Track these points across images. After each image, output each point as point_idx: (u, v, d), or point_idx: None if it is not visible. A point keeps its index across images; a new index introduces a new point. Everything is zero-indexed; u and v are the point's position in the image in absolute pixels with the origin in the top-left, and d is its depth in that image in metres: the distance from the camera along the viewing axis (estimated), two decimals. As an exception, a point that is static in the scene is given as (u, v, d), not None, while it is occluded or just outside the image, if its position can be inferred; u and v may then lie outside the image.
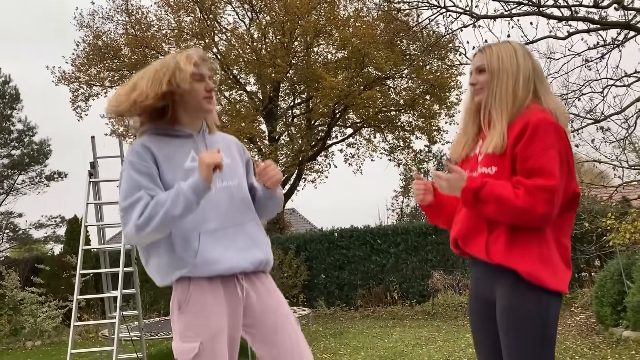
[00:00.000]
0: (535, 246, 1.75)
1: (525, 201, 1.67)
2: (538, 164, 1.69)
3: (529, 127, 1.73)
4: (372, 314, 11.09)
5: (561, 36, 6.97)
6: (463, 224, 1.90)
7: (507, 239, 1.76)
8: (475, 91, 1.93)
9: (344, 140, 17.62)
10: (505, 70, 1.85)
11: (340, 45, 15.22)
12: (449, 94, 15.64)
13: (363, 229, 12.26)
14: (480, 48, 1.96)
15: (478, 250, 1.83)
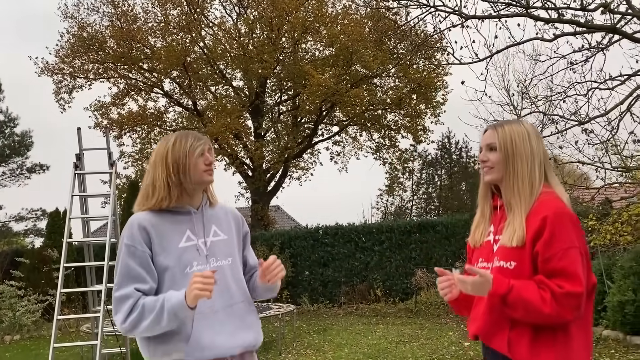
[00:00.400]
0: (560, 343, 1.72)
1: (553, 309, 1.65)
2: (561, 266, 1.67)
3: (548, 222, 1.70)
4: (355, 311, 11.13)
5: (548, 38, 7.03)
6: (484, 321, 1.83)
7: (530, 337, 1.72)
8: (486, 170, 1.90)
9: (330, 138, 17.63)
10: (519, 155, 1.83)
11: (328, 43, 15.22)
12: (435, 94, 15.73)
13: (348, 226, 12.30)
14: (492, 125, 1.94)
15: (500, 348, 1.78)
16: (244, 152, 16.27)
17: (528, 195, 1.78)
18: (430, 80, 14.84)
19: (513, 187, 1.81)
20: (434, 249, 11.47)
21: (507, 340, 1.74)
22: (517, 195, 1.80)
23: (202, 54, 15.85)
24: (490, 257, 1.85)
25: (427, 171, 17.82)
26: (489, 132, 1.92)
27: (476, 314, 1.87)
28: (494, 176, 1.88)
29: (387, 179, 17.98)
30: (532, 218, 1.74)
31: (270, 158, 16.22)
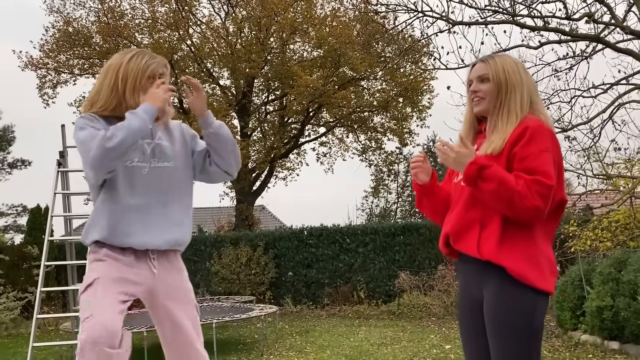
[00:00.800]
0: (524, 246, 1.81)
1: (523, 189, 1.74)
2: (535, 164, 1.78)
3: (528, 130, 1.83)
4: (338, 313, 11.14)
5: (533, 46, 7.14)
6: (456, 221, 1.95)
7: (498, 237, 1.82)
8: (477, 100, 1.98)
9: (316, 139, 17.66)
10: (512, 84, 1.92)
11: (316, 44, 15.25)
12: (421, 98, 15.85)
13: (332, 228, 12.31)
14: (482, 58, 2.01)
15: (469, 247, 1.88)
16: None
17: (515, 119, 1.90)
18: (416, 84, 14.95)
19: (502, 114, 1.92)
20: (418, 251, 11.53)
21: (477, 239, 1.85)
22: (506, 118, 1.91)
23: (190, 52, 15.78)
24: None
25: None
26: (479, 65, 2.00)
27: (449, 217, 2.01)
28: (484, 107, 1.97)
29: (373, 180, 18.08)
30: (514, 131, 1.87)
31: (256, 158, 16.19)
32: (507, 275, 1.80)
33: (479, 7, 6.50)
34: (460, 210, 1.94)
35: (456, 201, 2.01)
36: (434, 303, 10.35)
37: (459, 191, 2.00)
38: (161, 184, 2.12)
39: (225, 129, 2.25)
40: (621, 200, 7.41)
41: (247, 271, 11.72)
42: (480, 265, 1.86)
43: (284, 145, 16.33)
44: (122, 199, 2.06)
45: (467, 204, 1.92)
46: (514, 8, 6.47)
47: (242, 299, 10.52)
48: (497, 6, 6.39)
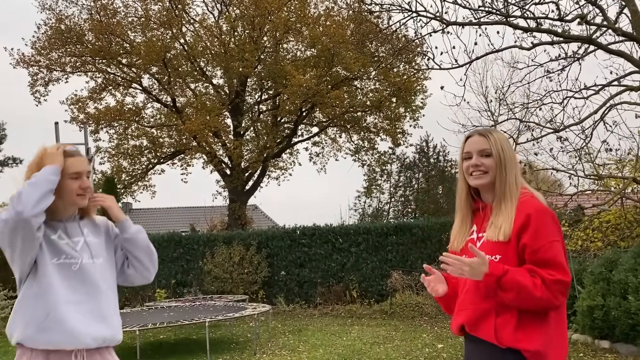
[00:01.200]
0: (541, 329, 1.84)
1: (544, 293, 1.78)
2: (549, 257, 1.81)
3: (532, 218, 1.85)
4: (331, 312, 11.14)
5: (526, 47, 7.17)
6: (472, 311, 1.95)
7: (515, 324, 1.84)
8: (479, 173, 1.99)
9: (309, 139, 17.67)
10: (510, 161, 1.98)
11: (309, 44, 15.24)
12: (414, 98, 15.88)
13: (325, 227, 12.31)
14: (480, 132, 2.05)
15: (487, 334, 1.89)
16: (223, 151, 16.19)
17: (515, 197, 1.93)
18: (410, 84, 14.98)
19: (504, 189, 1.94)
20: (410, 251, 11.55)
21: (494, 327, 1.86)
22: (508, 197, 1.93)
23: (183, 50, 15.73)
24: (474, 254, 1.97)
25: (404, 174, 17.97)
26: (478, 139, 2.02)
27: (462, 304, 1.99)
28: (485, 180, 1.99)
29: (365, 180, 18.09)
30: (516, 215, 1.88)
31: (249, 157, 16.17)
32: (521, 358, 1.84)
33: (472, 8, 6.53)
34: (472, 298, 1.94)
35: (464, 286, 2.00)
36: (426, 302, 10.38)
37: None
38: (91, 280, 2.12)
39: (143, 235, 2.29)
40: (612, 201, 7.47)
41: (239, 270, 11.70)
42: (494, 350, 1.88)
43: (277, 144, 16.32)
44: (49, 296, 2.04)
45: (479, 291, 1.92)
46: (507, 9, 6.50)
47: (234, 298, 10.51)
48: (490, 7, 6.41)
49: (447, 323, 9.34)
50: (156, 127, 16.84)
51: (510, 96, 16.93)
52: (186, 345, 8.18)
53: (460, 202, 2.08)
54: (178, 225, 19.36)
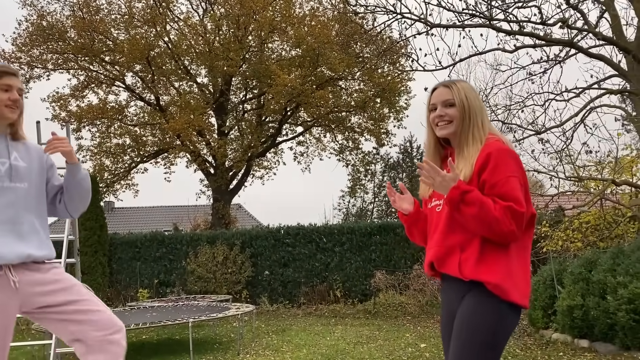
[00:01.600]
0: (502, 263, 1.92)
1: (500, 214, 1.86)
2: (504, 190, 1.90)
3: (491, 156, 1.94)
4: (314, 312, 11.14)
5: (509, 49, 7.28)
6: (438, 248, 2.06)
7: (476, 257, 1.93)
8: (444, 123, 2.07)
9: (294, 138, 17.65)
10: (474, 108, 2.05)
11: (294, 43, 15.23)
12: (398, 99, 15.96)
13: (309, 227, 12.31)
14: (444, 83, 2.11)
15: (452, 270, 1.99)
16: (207, 150, 16.11)
17: (478, 141, 2.02)
18: (394, 85, 15.04)
19: (469, 137, 2.03)
20: (394, 251, 11.61)
21: (459, 262, 1.96)
22: (472, 142, 2.02)
23: (167, 48, 15.60)
24: (441, 195, 2.07)
25: (388, 174, 18.07)
26: (443, 89, 2.09)
27: (431, 243, 2.11)
28: (450, 130, 2.06)
29: (350, 180, 18.13)
30: (478, 156, 1.98)
31: (233, 156, 16.10)
32: (486, 290, 1.91)
33: (456, 11, 6.59)
34: (440, 236, 2.05)
35: (435, 227, 2.11)
36: (410, 302, 10.44)
37: (436, 217, 2.11)
38: (13, 204, 2.17)
39: (87, 180, 2.38)
40: (592, 202, 7.59)
41: (223, 270, 11.65)
42: (461, 283, 1.97)
43: (261, 144, 16.28)
44: None
45: (446, 229, 2.03)
46: (490, 12, 6.57)
47: (218, 298, 10.46)
48: (474, 10, 6.48)
49: (430, 322, 9.41)
50: (139, 126, 16.69)
51: (493, 98, 17.08)
52: (169, 346, 8.13)
53: (429, 152, 2.18)
54: (161, 225, 19.22)
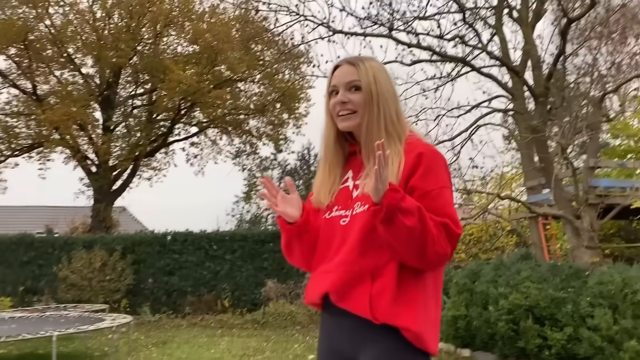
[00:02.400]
0: (420, 300, 1.48)
1: (439, 231, 1.42)
2: (439, 204, 1.47)
3: (424, 158, 1.50)
4: (200, 322, 10.63)
5: (407, 63, 7.39)
6: (341, 275, 1.51)
7: (393, 291, 1.45)
8: (346, 113, 1.57)
9: (187, 139, 16.89)
10: (384, 94, 1.57)
11: (192, 40, 14.58)
12: (298, 105, 15.87)
13: (199, 233, 11.77)
14: (349, 59, 1.60)
15: (359, 306, 1.47)
16: (89, 146, 14.88)
17: (397, 141, 1.54)
18: (294, 91, 14.93)
19: (380, 133, 1.53)
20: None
21: (369, 296, 1.46)
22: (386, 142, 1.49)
23: (49, 33, 14.22)
24: (348, 204, 1.58)
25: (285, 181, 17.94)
26: (347, 69, 1.59)
27: (328, 265, 1.56)
28: (355, 121, 1.57)
29: (245, 185, 17.72)
30: (405, 157, 1.51)
31: (118, 154, 15.02)
32: (400, 338, 1.45)
33: (359, 17, 6.55)
34: (346, 257, 1.51)
35: (336, 245, 1.56)
36: (300, 311, 10.29)
37: (340, 232, 1.56)
38: None
39: None
40: (477, 215, 7.91)
41: (100, 277, 10.73)
42: (364, 324, 1.48)
43: (151, 143, 15.36)
44: None
45: (357, 249, 1.50)
46: (392, 23, 6.62)
47: (93, 307, 9.60)
48: (376, 19, 6.48)
49: (318, 333, 9.31)
50: (11, 116, 15.05)
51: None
52: (29, 363, 7.23)
53: (328, 148, 1.65)
54: (33, 226, 17.45)
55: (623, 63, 9.36)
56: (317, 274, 1.61)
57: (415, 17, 6.59)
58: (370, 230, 1.48)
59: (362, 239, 1.50)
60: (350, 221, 1.55)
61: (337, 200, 1.61)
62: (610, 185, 7.52)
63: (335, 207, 1.61)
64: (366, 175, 1.54)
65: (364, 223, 1.51)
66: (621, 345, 5.22)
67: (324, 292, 1.56)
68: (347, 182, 1.63)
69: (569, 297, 5.77)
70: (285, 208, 1.62)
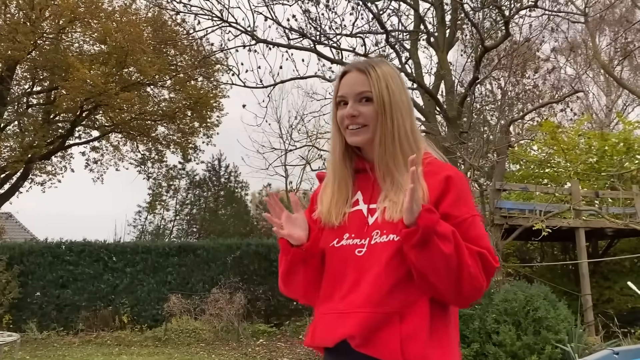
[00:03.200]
0: (452, 341, 1.34)
1: (475, 262, 1.26)
2: (474, 234, 1.30)
3: (453, 183, 1.34)
4: (95, 340, 9.87)
5: (328, 78, 7.40)
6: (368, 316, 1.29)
7: (427, 333, 1.27)
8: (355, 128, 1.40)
9: (88, 143, 15.81)
10: (398, 103, 1.39)
11: (100, 38, 13.73)
12: (210, 114, 15.44)
13: (98, 243, 11.00)
14: (359, 66, 1.42)
15: (388, 352, 1.27)
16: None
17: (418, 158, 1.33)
18: (207, 99, 14.52)
19: (394, 146, 1.37)
20: (193, 273, 10.94)
21: (400, 338, 1.27)
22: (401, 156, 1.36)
23: None
24: (363, 232, 1.37)
25: (193, 192, 17.25)
26: (356, 77, 1.41)
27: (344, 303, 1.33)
28: (365, 136, 1.39)
29: (150, 195, 16.88)
30: (428, 179, 1.34)
31: (8, 155, 13.71)
32: None
33: (286, 27, 6.47)
34: (372, 297, 1.30)
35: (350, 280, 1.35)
36: (204, 328, 9.88)
37: (353, 263, 1.35)
38: None
39: None
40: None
41: (-21, 290, 9.64)
42: None
43: (47, 145, 14.20)
44: None
45: (384, 287, 1.30)
46: (318, 37, 6.61)
47: (-32, 324, 8.59)
48: (303, 31, 6.44)
49: (225, 349, 8.95)
50: None
51: (306, 124, 17.68)
52: None
53: (335, 163, 1.46)
54: None
55: (525, 94, 10.10)
56: (331, 315, 1.37)
57: (341, 34, 6.62)
58: (398, 263, 1.30)
59: (388, 274, 1.30)
60: (367, 252, 1.34)
61: (349, 227, 1.40)
62: (512, 207, 8.00)
63: (346, 234, 1.39)
64: (385, 198, 1.36)
65: (390, 255, 1.30)
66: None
67: (344, 336, 1.32)
68: (359, 205, 1.42)
69: (476, 314, 5.99)
70: (291, 230, 1.40)
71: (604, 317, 7.78)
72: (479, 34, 6.12)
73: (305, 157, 12.19)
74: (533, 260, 11.26)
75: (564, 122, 11.81)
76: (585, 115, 14.63)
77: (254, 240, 11.57)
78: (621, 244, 10.48)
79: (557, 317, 5.69)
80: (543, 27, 9.70)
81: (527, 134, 11.99)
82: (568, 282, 9.88)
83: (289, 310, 11.28)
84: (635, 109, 19.72)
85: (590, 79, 18.98)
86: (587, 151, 10.62)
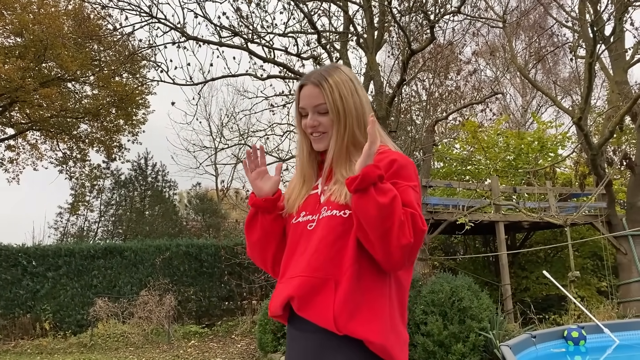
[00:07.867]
0: (387, 312, 1.43)
1: (405, 218, 1.37)
2: (407, 198, 1.43)
3: (396, 163, 1.50)
4: (13, 349, 9.35)
5: (260, 77, 7.41)
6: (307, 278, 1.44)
7: (356, 302, 1.40)
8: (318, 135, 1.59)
9: (2, 141, 14.85)
10: (351, 109, 1.56)
11: (16, 30, 12.94)
12: (136, 111, 14.95)
13: (15, 247, 10.39)
14: (313, 80, 1.57)
15: (322, 317, 1.40)
16: None
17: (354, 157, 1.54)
18: (133, 96, 14.05)
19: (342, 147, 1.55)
20: (120, 276, 10.59)
21: (332, 306, 1.40)
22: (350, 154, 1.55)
23: None
24: (315, 209, 1.56)
25: (118, 192, 16.60)
26: (311, 91, 1.57)
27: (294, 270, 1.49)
28: (326, 142, 1.58)
29: (72, 195, 16.10)
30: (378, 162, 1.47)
31: None
32: (364, 349, 1.39)
33: (218, 25, 6.40)
34: (312, 263, 1.45)
35: (300, 250, 1.52)
36: (133, 331, 9.61)
37: (306, 236, 1.52)
38: None
39: None
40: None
41: None
42: (329, 335, 1.42)
43: (-44, 143, 13.23)
44: None
45: (322, 254, 1.45)
46: (251, 35, 6.59)
47: None
48: (237, 29, 6.40)
49: (156, 352, 8.74)
50: None
51: (237, 122, 17.48)
52: None
53: (303, 161, 1.65)
54: None
55: (448, 95, 10.57)
56: (282, 282, 1.54)
57: (273, 33, 6.64)
58: (339, 234, 1.46)
59: (327, 243, 1.45)
60: (316, 225, 1.51)
61: (305, 206, 1.59)
62: (437, 202, 8.37)
63: (302, 212, 1.58)
64: (335, 182, 1.54)
65: (331, 226, 1.47)
66: (450, 348, 5.77)
67: (286, 298, 1.47)
68: (317, 189, 1.61)
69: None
70: (256, 179, 1.63)
71: (522, 304, 8.31)
72: (406, 37, 6.35)
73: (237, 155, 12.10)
74: (457, 253, 11.80)
75: (484, 121, 12.47)
76: (503, 116, 15.48)
77: (184, 241, 11.36)
78: (536, 236, 11.19)
79: (480, 307, 6.01)
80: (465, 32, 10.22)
81: (450, 133, 12.56)
82: (489, 273, 10.44)
83: (221, 310, 11.18)
84: (548, 109, 21.07)
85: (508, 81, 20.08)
86: (505, 149, 11.26)
